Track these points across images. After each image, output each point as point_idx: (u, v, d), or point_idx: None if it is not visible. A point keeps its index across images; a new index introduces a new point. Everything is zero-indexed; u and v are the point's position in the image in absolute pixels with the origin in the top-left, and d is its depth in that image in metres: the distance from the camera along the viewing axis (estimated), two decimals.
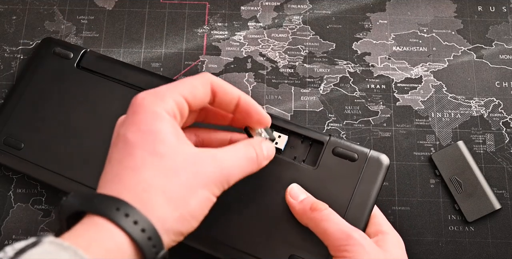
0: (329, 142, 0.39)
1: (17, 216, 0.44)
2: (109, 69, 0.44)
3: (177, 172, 0.28)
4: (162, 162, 0.28)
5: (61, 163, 0.41)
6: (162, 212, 0.27)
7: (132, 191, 0.27)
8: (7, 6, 0.50)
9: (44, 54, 0.45)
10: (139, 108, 0.29)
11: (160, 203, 0.27)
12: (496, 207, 0.43)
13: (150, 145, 0.28)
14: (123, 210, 0.26)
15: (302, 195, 0.36)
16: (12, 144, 0.43)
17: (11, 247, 0.24)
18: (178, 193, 0.28)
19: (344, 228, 0.33)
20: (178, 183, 0.28)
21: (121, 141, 0.29)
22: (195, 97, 0.31)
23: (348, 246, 0.32)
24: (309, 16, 0.50)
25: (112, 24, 0.50)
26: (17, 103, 0.44)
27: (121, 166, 0.28)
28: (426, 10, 0.50)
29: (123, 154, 0.28)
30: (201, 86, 0.31)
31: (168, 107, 0.29)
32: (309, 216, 0.34)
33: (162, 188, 0.27)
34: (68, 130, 0.42)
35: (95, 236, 0.25)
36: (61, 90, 0.44)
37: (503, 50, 0.49)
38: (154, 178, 0.27)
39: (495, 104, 0.47)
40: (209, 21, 0.50)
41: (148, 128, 0.28)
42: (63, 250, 0.24)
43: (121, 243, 0.26)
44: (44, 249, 0.24)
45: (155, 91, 0.30)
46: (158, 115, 0.29)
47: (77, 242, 0.24)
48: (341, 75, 0.48)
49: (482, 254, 0.43)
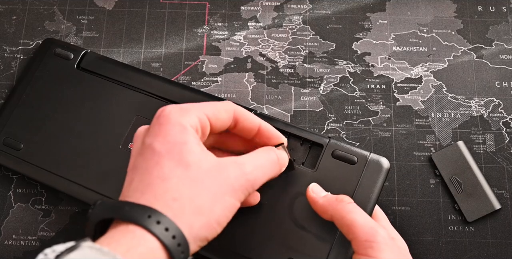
0: (328, 145, 0.38)
1: (17, 216, 0.44)
2: (109, 71, 0.44)
3: (203, 181, 0.29)
4: (189, 172, 0.29)
5: (60, 164, 0.41)
6: (190, 220, 0.28)
7: (162, 200, 0.28)
8: (7, 6, 0.50)
9: (44, 55, 0.45)
10: (166, 120, 0.30)
11: (188, 211, 0.28)
12: (496, 207, 0.43)
13: (177, 156, 0.29)
14: (154, 217, 0.27)
15: (323, 193, 0.36)
16: (12, 144, 0.43)
17: (51, 249, 0.25)
18: (205, 201, 0.29)
19: (371, 223, 0.32)
20: (204, 191, 0.29)
21: (148, 151, 0.30)
22: (217, 119, 0.32)
23: (374, 244, 0.31)
24: (309, 16, 0.50)
25: (112, 24, 0.50)
26: (17, 104, 0.44)
27: (150, 176, 0.29)
28: (426, 10, 0.50)
29: (150, 164, 0.29)
30: (224, 111, 0.33)
31: (193, 121, 0.31)
32: (335, 208, 0.34)
33: (190, 197, 0.28)
34: (67, 131, 0.42)
35: (130, 242, 0.26)
36: (61, 91, 0.44)
37: (503, 50, 0.49)
38: (182, 187, 0.29)
39: (495, 104, 0.47)
40: (209, 21, 0.50)
41: (175, 139, 0.29)
42: (102, 255, 0.24)
43: (154, 248, 0.27)
44: (84, 253, 0.24)
45: (181, 106, 0.31)
46: (184, 127, 0.30)
47: (115, 248, 0.26)
48: (341, 75, 0.48)
49: (482, 254, 0.43)
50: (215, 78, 0.48)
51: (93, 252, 0.25)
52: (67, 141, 0.42)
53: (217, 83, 0.48)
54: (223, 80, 0.48)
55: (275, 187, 0.38)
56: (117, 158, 0.41)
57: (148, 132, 0.31)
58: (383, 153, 0.46)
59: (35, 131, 0.43)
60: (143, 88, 0.43)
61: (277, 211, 0.37)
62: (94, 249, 0.25)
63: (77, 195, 0.41)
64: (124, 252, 0.26)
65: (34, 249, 0.43)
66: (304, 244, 0.36)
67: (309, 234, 0.36)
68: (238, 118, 0.33)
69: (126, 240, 0.26)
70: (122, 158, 0.41)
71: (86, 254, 0.24)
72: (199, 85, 0.48)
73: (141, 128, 0.32)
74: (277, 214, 0.37)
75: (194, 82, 0.48)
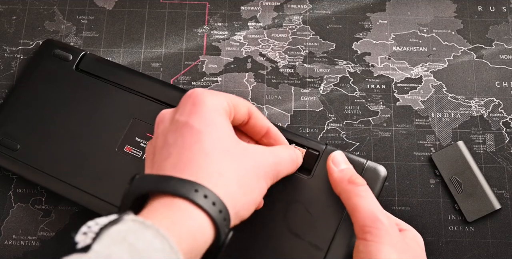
0: (325, 151, 0.38)
1: (17, 216, 0.44)
2: (108, 73, 0.43)
3: (244, 161, 0.30)
4: (231, 150, 0.29)
5: (56, 165, 0.41)
6: (234, 196, 0.28)
7: (207, 174, 0.28)
8: (7, 6, 0.50)
9: (44, 56, 0.45)
10: (199, 100, 0.30)
11: (233, 188, 0.28)
12: (496, 207, 0.43)
13: (216, 134, 0.29)
14: (201, 191, 0.27)
15: (343, 165, 0.36)
16: (8, 145, 0.42)
17: (94, 222, 0.25)
18: (248, 180, 0.29)
19: (375, 209, 0.32)
20: (246, 170, 0.29)
21: (186, 128, 0.29)
22: (238, 110, 0.32)
23: (372, 229, 0.31)
24: (309, 16, 0.50)
25: (112, 24, 0.50)
26: (14, 104, 0.44)
27: (190, 151, 0.29)
28: (426, 10, 0.50)
29: (189, 140, 0.29)
30: (242, 105, 0.33)
31: (224, 105, 0.31)
32: (344, 187, 0.34)
33: (236, 174, 0.29)
34: (64, 132, 0.42)
35: (176, 216, 0.26)
36: (59, 92, 0.43)
37: (503, 50, 0.49)
38: (226, 164, 0.29)
39: (495, 104, 0.47)
40: (209, 21, 0.50)
41: (212, 119, 0.30)
42: (145, 228, 0.24)
43: (202, 222, 0.27)
44: (127, 226, 0.24)
45: (210, 90, 0.31)
46: (218, 109, 0.30)
47: (160, 221, 0.25)
48: (341, 75, 0.48)
49: (482, 254, 0.43)
50: (215, 78, 0.48)
51: (136, 225, 0.25)
52: (63, 143, 0.42)
53: (217, 83, 0.48)
54: (223, 80, 0.48)
55: (270, 193, 0.37)
56: (112, 160, 0.41)
57: (179, 111, 0.31)
58: (383, 153, 0.46)
59: (32, 132, 0.43)
60: (141, 91, 0.42)
61: (272, 217, 0.37)
62: (137, 222, 0.25)
63: (72, 196, 0.40)
64: (169, 225, 0.25)
65: (34, 249, 0.43)
66: (298, 251, 0.35)
67: (304, 242, 0.36)
68: (251, 114, 0.34)
69: (171, 213, 0.26)
70: (117, 160, 0.40)
71: (129, 227, 0.24)
72: (199, 85, 0.48)
73: (164, 111, 0.32)
74: (272, 220, 0.37)
75: (194, 82, 0.48)
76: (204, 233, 0.27)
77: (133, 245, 0.23)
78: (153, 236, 0.24)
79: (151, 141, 0.32)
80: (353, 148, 0.46)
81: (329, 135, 0.46)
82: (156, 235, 0.24)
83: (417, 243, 0.35)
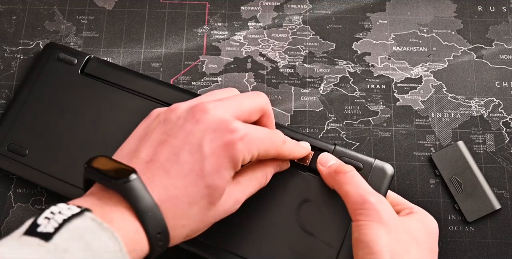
0: (334, 151, 0.39)
1: (17, 216, 0.44)
2: (113, 76, 0.43)
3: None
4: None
5: (65, 170, 0.41)
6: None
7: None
8: (7, 6, 0.50)
9: (48, 60, 0.45)
10: (204, 112, 0.31)
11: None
12: (496, 207, 0.43)
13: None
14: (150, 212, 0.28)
15: (331, 161, 0.37)
16: (16, 150, 0.42)
17: (57, 209, 0.25)
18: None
19: (362, 192, 0.33)
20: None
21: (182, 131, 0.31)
22: (249, 117, 0.32)
23: (363, 210, 0.32)
24: (309, 16, 0.50)
25: (112, 24, 0.50)
26: (21, 109, 0.44)
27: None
28: (426, 10, 0.50)
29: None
30: (256, 111, 0.33)
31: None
32: (333, 179, 0.35)
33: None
34: (72, 137, 0.42)
35: (117, 217, 0.27)
36: (65, 96, 0.43)
37: (503, 50, 0.49)
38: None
39: (495, 104, 0.47)
40: (209, 21, 0.50)
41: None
42: (102, 230, 0.25)
43: (140, 232, 0.27)
44: (87, 224, 0.25)
45: (217, 106, 0.31)
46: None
47: (112, 224, 0.26)
48: (341, 75, 0.48)
49: (482, 254, 0.43)
50: (215, 78, 0.48)
51: (94, 224, 0.25)
52: (72, 147, 0.42)
53: (217, 83, 0.48)
54: (223, 80, 0.48)
55: (279, 193, 0.38)
56: None
57: (183, 117, 0.31)
58: (383, 153, 0.46)
59: (40, 137, 0.42)
60: (147, 94, 0.42)
61: (282, 217, 0.37)
62: (96, 222, 0.25)
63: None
64: (119, 229, 0.26)
65: None
66: (312, 249, 0.36)
67: (317, 240, 0.36)
68: (265, 112, 0.34)
69: (123, 219, 0.27)
70: None
71: (88, 226, 0.25)
72: (199, 85, 0.48)
73: (158, 109, 0.33)
74: (282, 220, 0.37)
75: (194, 82, 0.48)
76: (141, 243, 0.27)
77: (89, 244, 0.24)
78: (108, 238, 0.25)
79: (145, 123, 0.33)
80: (353, 148, 0.46)
81: (329, 135, 0.46)
82: (110, 237, 0.25)
83: (422, 225, 0.35)
